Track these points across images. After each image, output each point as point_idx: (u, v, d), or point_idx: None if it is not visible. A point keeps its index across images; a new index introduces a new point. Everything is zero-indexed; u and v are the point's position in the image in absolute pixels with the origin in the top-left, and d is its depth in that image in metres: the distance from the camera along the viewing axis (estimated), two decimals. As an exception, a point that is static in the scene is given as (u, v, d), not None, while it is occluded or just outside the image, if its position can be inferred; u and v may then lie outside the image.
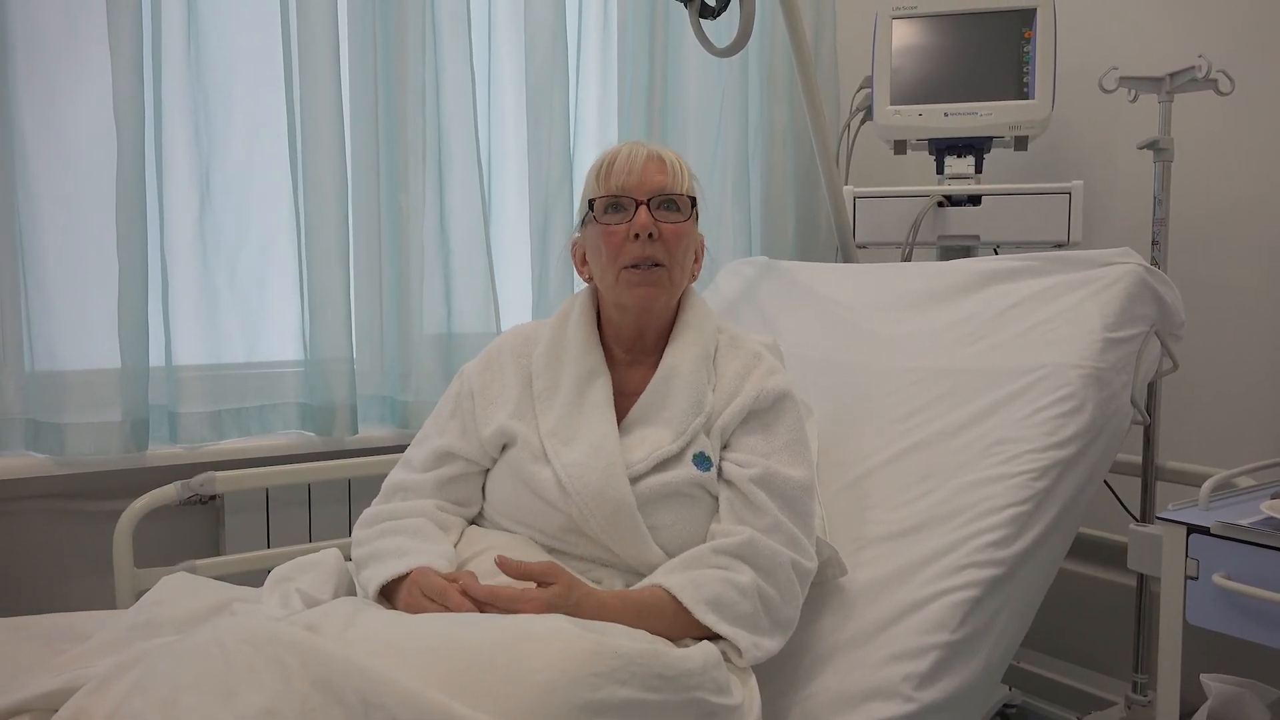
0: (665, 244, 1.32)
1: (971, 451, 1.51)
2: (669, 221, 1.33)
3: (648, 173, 1.33)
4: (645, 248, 1.31)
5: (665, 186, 1.33)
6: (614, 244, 1.33)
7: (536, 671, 0.96)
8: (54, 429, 1.70)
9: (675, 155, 1.38)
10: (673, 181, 1.34)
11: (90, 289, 1.73)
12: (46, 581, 1.79)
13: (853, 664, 1.31)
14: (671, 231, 1.33)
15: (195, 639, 0.97)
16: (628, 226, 1.32)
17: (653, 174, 1.33)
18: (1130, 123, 2.12)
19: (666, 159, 1.36)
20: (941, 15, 2.19)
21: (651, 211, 1.32)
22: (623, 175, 1.33)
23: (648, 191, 1.32)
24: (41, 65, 1.69)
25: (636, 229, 1.31)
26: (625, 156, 1.34)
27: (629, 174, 1.33)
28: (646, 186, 1.33)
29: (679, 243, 1.34)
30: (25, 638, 1.29)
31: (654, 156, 1.35)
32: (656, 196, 1.33)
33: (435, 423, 1.43)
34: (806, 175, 2.57)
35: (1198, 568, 1.31)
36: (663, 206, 1.33)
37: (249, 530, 1.88)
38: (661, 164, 1.35)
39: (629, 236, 1.31)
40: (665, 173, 1.34)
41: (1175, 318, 1.69)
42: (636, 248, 1.31)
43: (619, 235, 1.32)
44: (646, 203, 1.32)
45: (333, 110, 1.88)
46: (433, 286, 2.04)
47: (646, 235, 1.31)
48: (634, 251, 1.32)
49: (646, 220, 1.31)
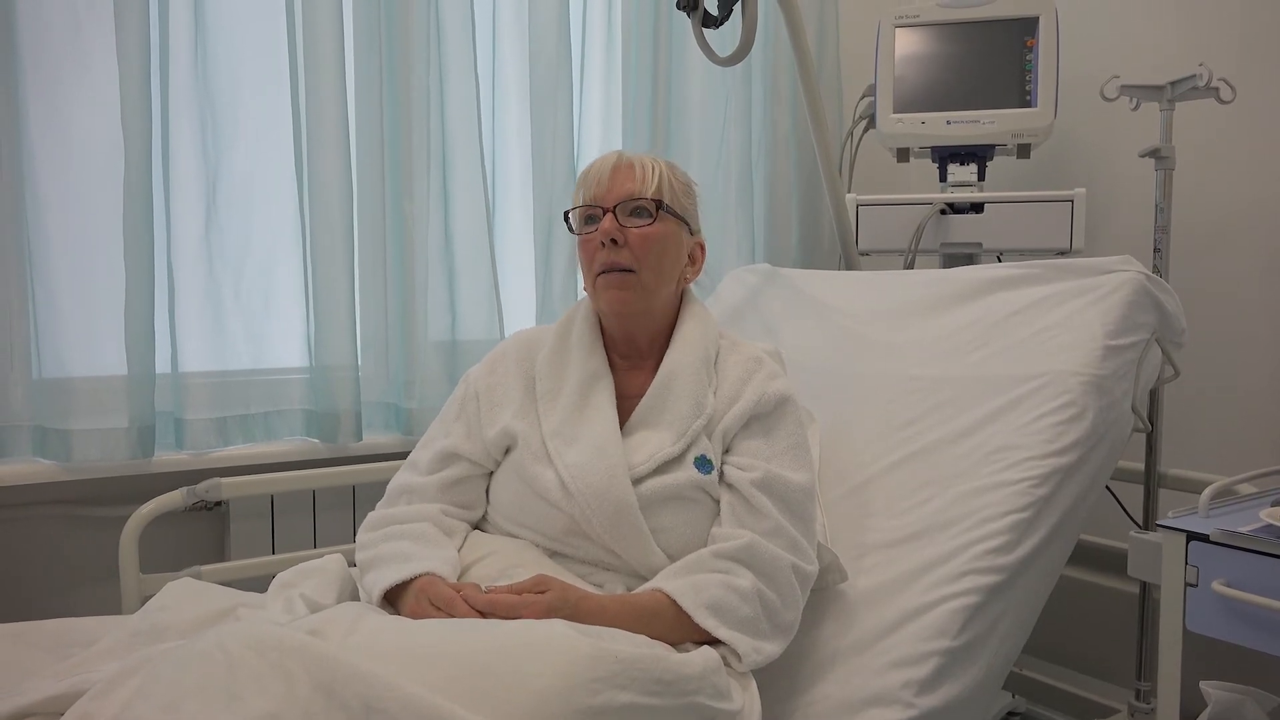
0: (632, 249, 1.34)
1: (972, 459, 1.51)
2: (635, 226, 1.35)
3: (616, 180, 1.36)
4: (611, 254, 1.34)
5: (632, 192, 1.35)
6: (588, 253, 1.36)
7: (537, 676, 0.97)
8: (61, 435, 1.71)
9: (652, 161, 1.39)
10: (640, 186, 1.36)
11: (97, 296, 1.74)
12: (53, 587, 1.80)
13: (853, 670, 1.32)
14: (638, 236, 1.34)
15: (199, 644, 0.97)
16: (598, 234, 1.34)
17: (621, 181, 1.36)
18: (1132, 131, 2.13)
19: (637, 165, 1.37)
20: (944, 24, 2.20)
21: (619, 218, 1.34)
22: (593, 185, 1.36)
23: (615, 199, 1.35)
24: (49, 74, 1.71)
25: (600, 236, 1.34)
26: (597, 167, 1.38)
27: (598, 184, 1.36)
28: (614, 194, 1.35)
29: (647, 246, 1.35)
30: (31, 643, 1.30)
31: (624, 164, 1.37)
32: (625, 202, 1.35)
33: (440, 425, 1.44)
34: (810, 183, 2.57)
35: (1197, 575, 1.31)
36: (632, 213, 1.35)
37: (254, 536, 1.89)
38: (631, 170, 1.37)
39: (599, 244, 1.34)
40: (633, 179, 1.36)
41: (1176, 325, 1.69)
42: (605, 254, 1.34)
43: (592, 244, 1.35)
44: (614, 210, 1.34)
45: (338, 118, 1.89)
46: (437, 293, 2.05)
47: (610, 241, 1.33)
48: (602, 258, 1.34)
49: (609, 226, 1.33)
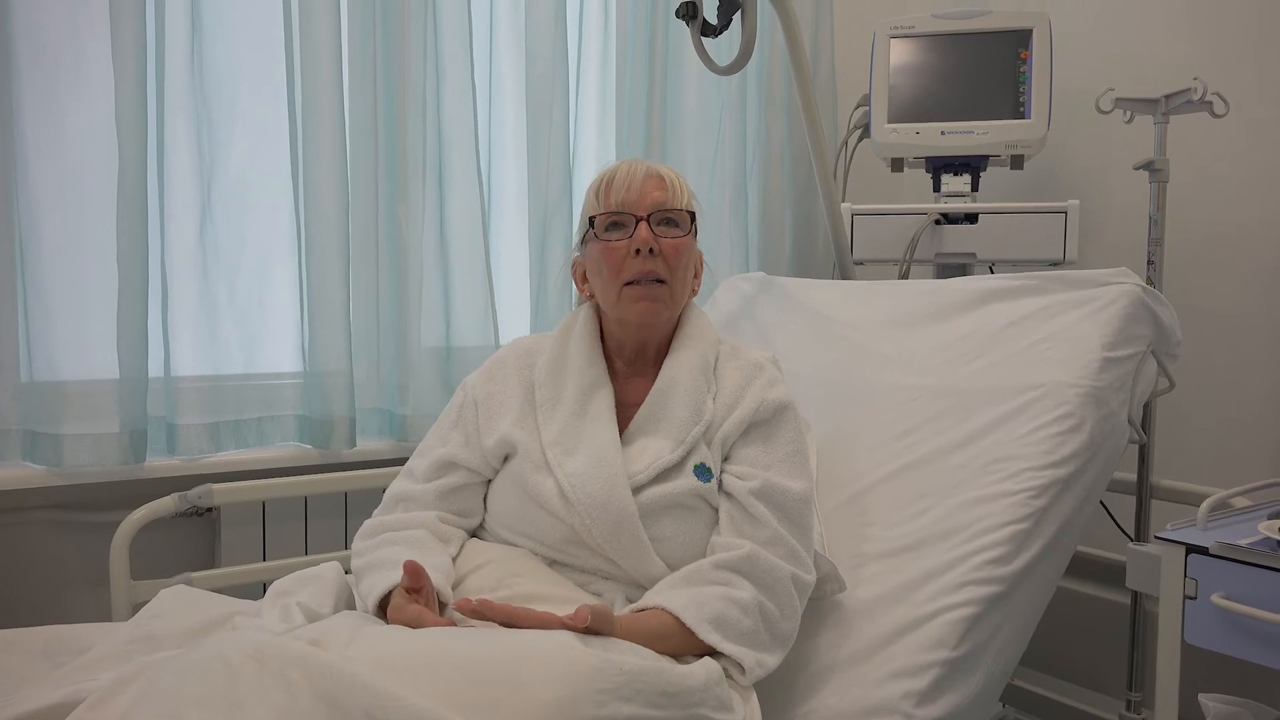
0: (666, 259, 1.33)
1: (969, 469, 1.51)
2: (669, 237, 1.34)
3: (647, 189, 1.34)
4: (646, 263, 1.32)
5: (665, 202, 1.34)
6: (615, 260, 1.33)
7: (541, 687, 0.96)
8: (52, 440, 1.69)
9: (673, 172, 1.39)
10: (672, 197, 1.35)
11: (90, 299, 1.73)
12: (43, 593, 1.78)
13: (852, 681, 1.31)
14: (672, 246, 1.34)
15: (199, 654, 0.96)
16: (628, 243, 1.32)
17: (652, 190, 1.34)
18: (1126, 143, 2.14)
19: (665, 175, 1.37)
20: (939, 35, 2.21)
21: (651, 227, 1.33)
22: (622, 191, 1.34)
23: (647, 207, 1.33)
24: (44, 75, 1.69)
25: (638, 244, 1.32)
26: (625, 173, 1.35)
27: (629, 190, 1.34)
28: (646, 202, 1.34)
29: (679, 258, 1.34)
30: (22, 650, 1.28)
31: (653, 173, 1.36)
32: (656, 212, 1.34)
33: (437, 433, 1.43)
34: (804, 191, 2.58)
35: (1196, 587, 1.32)
36: (663, 222, 1.34)
37: (245, 543, 1.87)
38: (660, 180, 1.36)
39: (630, 253, 1.32)
40: (664, 189, 1.35)
41: (1172, 337, 1.70)
42: (638, 263, 1.32)
43: (620, 252, 1.33)
44: (647, 218, 1.32)
45: (334, 122, 1.88)
46: (431, 299, 2.04)
47: (648, 250, 1.31)
48: (635, 267, 1.32)
49: (647, 235, 1.31)
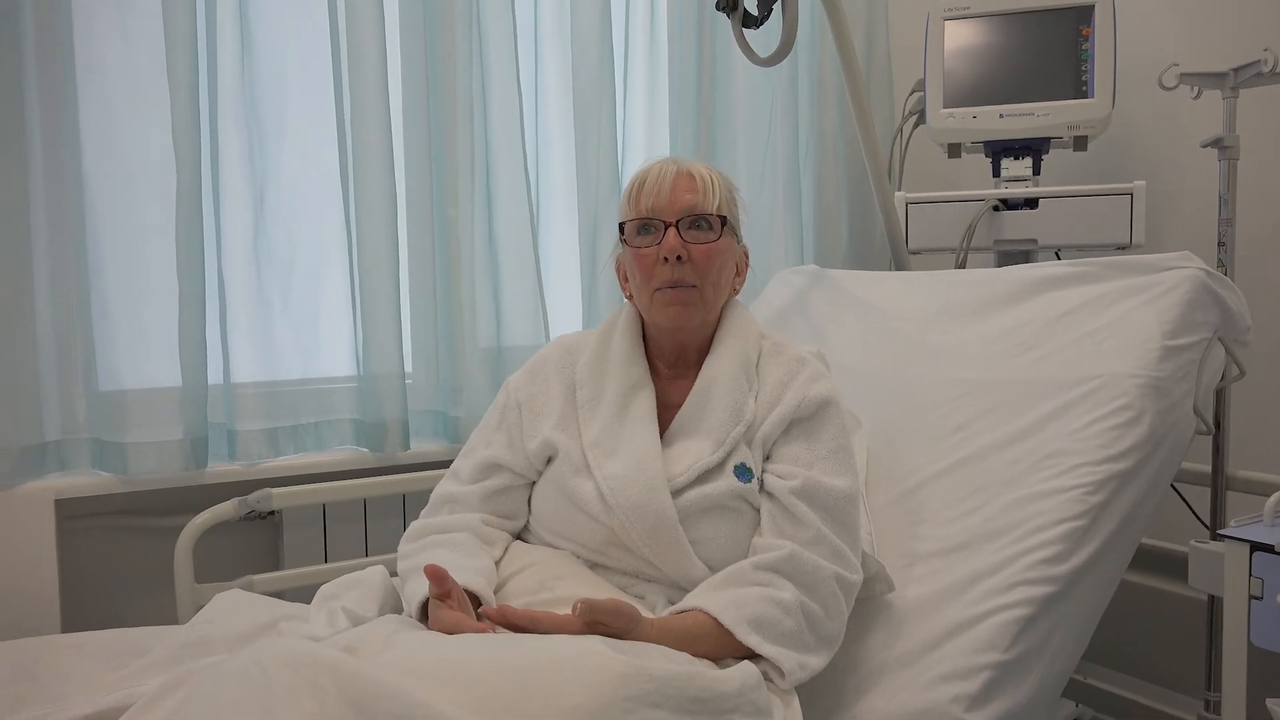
0: (695, 265, 1.31)
1: (1023, 465, 1.47)
2: (699, 242, 1.32)
3: (677, 192, 1.32)
4: (675, 270, 1.31)
5: (694, 206, 1.32)
6: (645, 267, 1.33)
7: (569, 694, 0.95)
8: (117, 448, 1.75)
9: (708, 171, 1.36)
10: (703, 200, 1.33)
11: (151, 311, 1.78)
12: (112, 596, 1.84)
13: (901, 684, 1.28)
14: (701, 252, 1.32)
15: (238, 660, 0.98)
16: (658, 249, 1.31)
17: (682, 193, 1.33)
18: (1193, 120, 2.05)
19: (697, 176, 1.34)
20: (995, 14, 2.15)
21: (681, 232, 1.31)
22: (652, 196, 1.33)
23: (677, 212, 1.32)
24: (102, 94, 1.75)
25: (665, 252, 1.30)
26: (655, 177, 1.34)
27: (658, 195, 1.32)
28: (676, 207, 1.32)
29: (710, 262, 1.32)
30: (89, 652, 1.34)
31: (684, 174, 1.34)
32: (686, 216, 1.32)
33: (482, 435, 1.44)
34: (859, 182, 2.53)
35: (1262, 587, 1.26)
36: (693, 226, 1.32)
37: (307, 545, 1.91)
38: (692, 181, 1.34)
39: (659, 259, 1.31)
40: (695, 191, 1.33)
41: (1240, 323, 1.63)
42: (667, 270, 1.31)
43: (650, 258, 1.32)
44: (676, 224, 1.31)
45: (382, 129, 1.90)
46: (482, 300, 2.06)
47: (675, 258, 1.30)
48: (664, 274, 1.31)
49: (675, 243, 1.30)
